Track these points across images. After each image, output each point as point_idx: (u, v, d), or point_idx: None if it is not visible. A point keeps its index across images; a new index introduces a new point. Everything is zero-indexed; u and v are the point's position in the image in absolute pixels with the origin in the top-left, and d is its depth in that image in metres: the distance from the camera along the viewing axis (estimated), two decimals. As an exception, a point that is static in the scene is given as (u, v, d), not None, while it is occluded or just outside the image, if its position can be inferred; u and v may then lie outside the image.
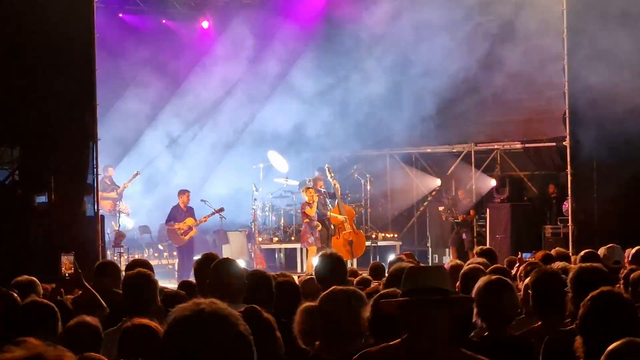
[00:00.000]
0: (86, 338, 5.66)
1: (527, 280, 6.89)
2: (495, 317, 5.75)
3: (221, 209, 21.20)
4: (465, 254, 20.73)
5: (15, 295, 6.81)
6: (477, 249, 10.38)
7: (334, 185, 20.83)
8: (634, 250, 10.23)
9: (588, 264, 6.01)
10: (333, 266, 7.21)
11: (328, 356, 5.06)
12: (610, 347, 3.72)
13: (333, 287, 5.43)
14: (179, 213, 20.72)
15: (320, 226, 20.47)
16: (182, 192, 20.99)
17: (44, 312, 5.99)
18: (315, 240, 20.09)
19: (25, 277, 8.11)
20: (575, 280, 5.72)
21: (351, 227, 20.79)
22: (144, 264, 8.98)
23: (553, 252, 11.38)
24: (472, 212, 21.98)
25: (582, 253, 9.84)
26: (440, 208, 22.80)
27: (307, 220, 20.22)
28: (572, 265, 8.14)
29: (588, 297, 4.61)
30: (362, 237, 21.35)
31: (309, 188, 20.45)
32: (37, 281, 8.18)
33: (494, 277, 6.24)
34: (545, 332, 5.76)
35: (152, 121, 24.77)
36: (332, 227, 21.14)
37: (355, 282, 8.77)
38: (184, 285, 9.02)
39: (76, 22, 16.34)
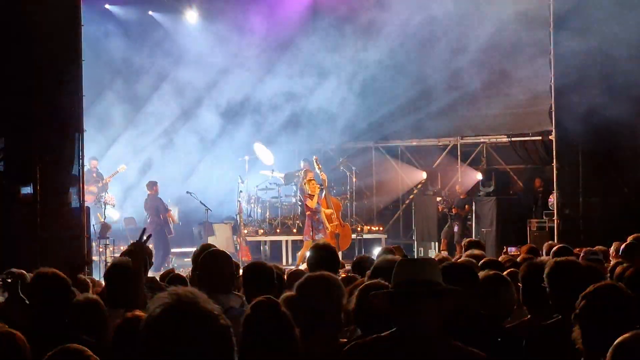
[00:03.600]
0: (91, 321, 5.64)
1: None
2: (492, 312, 5.76)
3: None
4: (454, 246, 20.84)
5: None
6: (465, 241, 10.28)
7: (322, 177, 20.76)
8: (623, 245, 10.10)
9: (563, 258, 6.01)
10: (326, 257, 7.16)
11: (309, 345, 5.03)
12: (619, 339, 3.69)
13: (308, 274, 5.40)
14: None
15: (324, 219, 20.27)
16: (155, 184, 21.15)
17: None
18: (314, 234, 19.83)
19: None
20: (550, 274, 5.73)
21: (338, 219, 20.76)
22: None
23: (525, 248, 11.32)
24: (467, 207, 21.94)
25: (555, 248, 9.79)
26: (438, 199, 22.82)
27: (308, 212, 20.07)
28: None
29: (590, 288, 4.63)
30: (349, 229, 21.32)
31: (312, 180, 20.25)
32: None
33: (491, 272, 6.26)
34: (534, 325, 5.78)
35: (138, 113, 24.71)
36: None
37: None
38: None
39: (62, 12, 16.22)
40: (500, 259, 10.17)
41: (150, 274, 7.73)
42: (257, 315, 4.40)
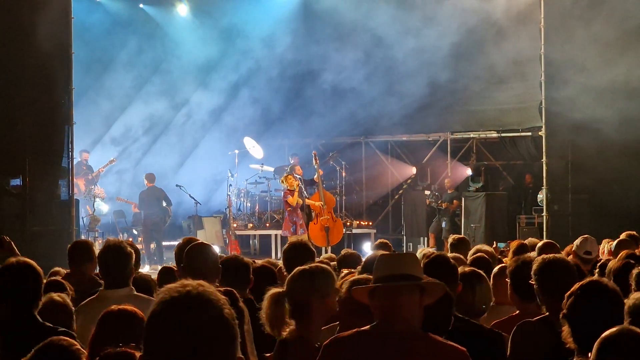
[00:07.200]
0: (59, 315, 5.63)
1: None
2: (466, 309, 5.78)
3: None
4: (442, 242, 20.84)
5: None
6: (451, 238, 10.24)
7: (318, 172, 20.74)
8: (615, 243, 10.18)
9: (551, 255, 6.02)
10: (300, 254, 7.21)
11: (300, 340, 5.04)
12: (604, 335, 3.71)
13: (298, 267, 5.39)
14: None
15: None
16: (154, 176, 21.21)
17: None
18: (297, 229, 19.81)
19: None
20: (538, 271, 5.75)
21: (330, 214, 20.75)
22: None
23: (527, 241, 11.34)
24: (455, 202, 21.96)
25: (540, 244, 9.84)
26: (427, 192, 22.83)
27: (289, 208, 19.99)
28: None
29: (575, 286, 4.65)
30: (340, 225, 21.26)
31: (289, 175, 20.21)
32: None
33: (467, 269, 6.28)
34: (522, 321, 5.79)
35: (128, 106, 24.66)
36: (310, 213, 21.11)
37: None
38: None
39: (53, 5, 16.23)
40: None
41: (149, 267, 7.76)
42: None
